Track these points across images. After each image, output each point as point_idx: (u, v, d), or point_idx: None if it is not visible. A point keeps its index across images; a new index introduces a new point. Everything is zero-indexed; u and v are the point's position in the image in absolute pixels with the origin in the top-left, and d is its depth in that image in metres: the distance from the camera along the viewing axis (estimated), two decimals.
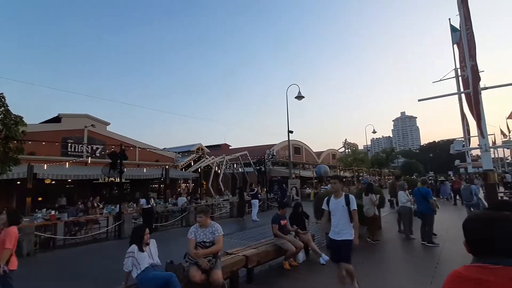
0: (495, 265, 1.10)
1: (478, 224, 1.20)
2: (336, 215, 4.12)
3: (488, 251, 1.14)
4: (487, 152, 5.06)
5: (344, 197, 4.13)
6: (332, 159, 42.82)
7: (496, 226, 1.14)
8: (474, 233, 1.20)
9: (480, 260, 1.15)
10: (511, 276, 1.07)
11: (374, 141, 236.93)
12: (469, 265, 1.19)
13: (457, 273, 1.19)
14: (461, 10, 5.42)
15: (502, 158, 38.14)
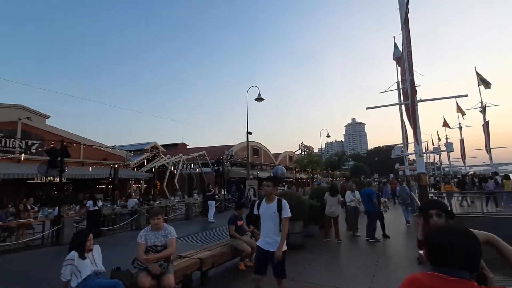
0: (450, 276, 1.11)
1: (437, 235, 1.22)
2: (265, 222, 3.62)
3: (444, 261, 1.15)
4: (420, 157, 5.72)
5: (276, 202, 3.58)
6: (289, 161, 44.26)
7: (453, 238, 1.15)
8: (434, 243, 1.21)
9: (436, 269, 1.16)
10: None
11: (328, 144, 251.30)
12: (427, 272, 1.20)
13: (414, 278, 1.19)
14: (403, 30, 6.06)
15: (433, 163, 43.55)
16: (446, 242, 1.14)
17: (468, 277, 1.10)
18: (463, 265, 1.11)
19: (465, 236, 1.14)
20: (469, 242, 1.13)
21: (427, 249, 1.21)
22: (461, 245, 1.12)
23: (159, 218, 3.86)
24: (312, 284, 4.89)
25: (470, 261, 1.11)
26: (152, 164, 22.53)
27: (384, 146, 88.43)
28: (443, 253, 1.15)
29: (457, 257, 1.11)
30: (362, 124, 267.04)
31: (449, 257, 1.13)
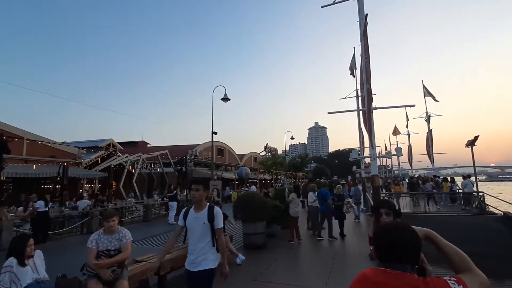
0: (394, 270, 1.15)
1: (383, 232, 1.26)
2: (194, 235, 2.92)
3: (390, 257, 1.19)
4: (374, 160, 6.16)
5: (207, 210, 2.92)
6: (254, 162, 44.58)
7: (397, 235, 1.20)
8: (379, 240, 1.25)
9: (382, 264, 1.21)
10: (407, 281, 1.12)
11: (292, 146, 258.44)
12: (374, 267, 1.24)
13: (363, 274, 1.23)
14: (362, 42, 6.49)
15: (385, 166, 47.21)
16: (389, 239, 1.20)
17: (410, 270, 1.16)
18: (405, 259, 1.16)
19: (406, 233, 1.20)
20: (410, 238, 1.19)
21: (375, 246, 1.27)
22: (403, 241, 1.18)
23: (114, 221, 3.60)
24: (273, 284, 4.97)
25: (411, 255, 1.18)
26: (107, 162, 21.04)
27: (343, 149, 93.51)
28: (387, 249, 1.20)
29: (399, 252, 1.16)
30: (324, 128, 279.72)
31: (392, 252, 1.18)
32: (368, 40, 6.85)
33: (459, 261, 1.21)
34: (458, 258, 1.21)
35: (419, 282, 1.10)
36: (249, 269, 5.77)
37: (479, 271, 1.16)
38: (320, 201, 8.53)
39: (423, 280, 1.12)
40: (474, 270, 1.16)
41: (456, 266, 1.22)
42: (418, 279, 1.12)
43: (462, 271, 1.19)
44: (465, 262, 1.19)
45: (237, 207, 7.87)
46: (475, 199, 13.34)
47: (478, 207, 12.80)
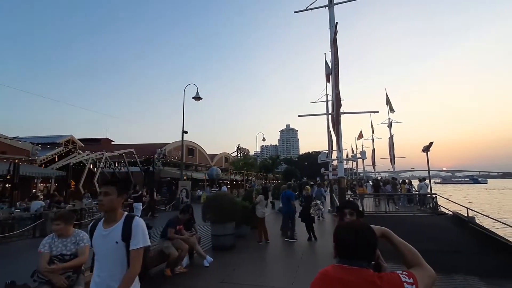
0: (352, 266, 1.21)
1: (342, 231, 1.32)
2: (102, 260, 2.05)
3: (348, 254, 1.24)
4: (341, 163, 6.43)
5: (122, 224, 2.05)
6: (225, 162, 44.23)
7: (355, 233, 1.26)
8: (339, 238, 1.30)
9: (341, 261, 1.26)
10: (365, 277, 1.17)
11: (264, 148, 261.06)
12: (335, 265, 1.29)
13: (324, 271, 1.27)
14: (332, 49, 6.76)
15: (351, 168, 49.52)
16: (348, 236, 1.27)
17: (366, 266, 1.22)
18: (362, 256, 1.23)
19: (364, 231, 1.27)
20: (366, 235, 1.26)
21: (335, 244, 1.33)
22: (360, 239, 1.24)
23: (59, 224, 3.27)
24: (240, 285, 4.96)
25: (368, 252, 1.24)
26: (66, 160, 19.55)
27: (313, 151, 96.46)
28: (346, 246, 1.26)
29: (356, 249, 1.23)
30: (295, 130, 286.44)
31: (350, 249, 1.24)
32: (339, 47, 7.17)
33: (411, 257, 1.29)
34: (410, 254, 1.29)
35: (374, 277, 1.16)
36: (217, 271, 5.70)
37: (428, 266, 1.25)
38: (284, 202, 8.64)
39: (378, 275, 1.18)
40: (424, 265, 1.25)
41: (408, 261, 1.30)
42: (373, 274, 1.18)
43: (413, 266, 1.27)
44: (417, 258, 1.28)
45: (206, 208, 7.74)
46: (429, 200, 14.50)
47: (431, 208, 13.92)
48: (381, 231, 1.39)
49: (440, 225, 11.38)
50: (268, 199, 8.62)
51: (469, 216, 11.59)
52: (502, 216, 21.84)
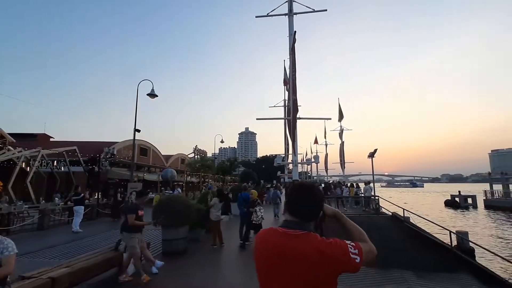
0: (293, 230, 1.25)
1: (291, 190, 1.38)
2: None
3: (294, 211, 1.30)
4: (296, 166, 6.62)
5: None
6: (181, 164, 42.68)
7: (299, 191, 1.33)
8: (287, 197, 1.37)
9: (284, 224, 1.30)
10: (309, 241, 1.21)
11: (222, 150, 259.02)
12: (275, 228, 1.32)
13: (263, 235, 1.34)
14: (290, 56, 6.97)
15: (306, 172, 51.76)
16: (297, 191, 1.34)
17: (311, 229, 1.26)
18: (308, 211, 1.29)
19: (310, 189, 1.33)
20: (314, 191, 1.33)
21: (285, 200, 1.40)
22: (305, 196, 1.31)
23: None
24: None
25: (313, 211, 1.31)
26: None
27: (271, 155, 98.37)
28: (293, 200, 1.32)
29: (303, 204, 1.29)
30: (254, 133, 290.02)
31: (295, 207, 1.30)
32: (298, 54, 7.45)
33: (358, 234, 1.37)
34: (357, 232, 1.39)
35: (321, 243, 1.20)
36: (167, 277, 5.41)
37: (371, 243, 1.35)
38: (240, 205, 8.59)
39: (325, 240, 1.22)
40: (368, 242, 1.35)
41: (355, 238, 1.38)
42: (321, 239, 1.22)
43: (360, 242, 1.36)
44: (363, 236, 1.37)
45: (157, 211, 7.32)
46: (373, 202, 15.80)
47: (374, 209, 15.19)
48: (333, 211, 1.46)
49: (381, 224, 12.42)
50: (223, 202, 8.45)
51: (404, 216, 12.91)
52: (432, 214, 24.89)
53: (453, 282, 8.14)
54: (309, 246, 1.18)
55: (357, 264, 1.19)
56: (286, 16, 8.31)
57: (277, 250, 1.22)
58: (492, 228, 21.22)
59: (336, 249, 1.18)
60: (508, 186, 34.47)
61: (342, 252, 1.18)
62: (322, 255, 1.16)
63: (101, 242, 8.58)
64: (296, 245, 1.19)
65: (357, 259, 1.19)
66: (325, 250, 1.17)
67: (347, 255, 1.18)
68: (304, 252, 1.17)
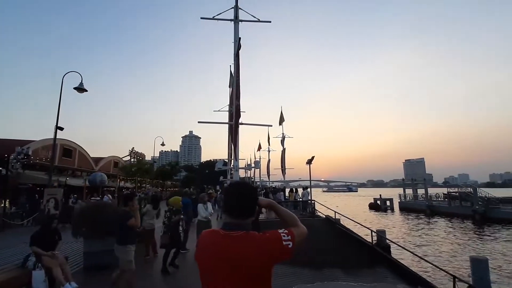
0: (235, 231, 1.29)
1: (228, 187, 1.45)
2: None
3: (229, 209, 1.35)
4: (237, 171, 6.61)
5: None
6: (113, 167, 38.86)
7: (238, 187, 1.40)
8: (224, 194, 1.42)
9: (226, 226, 1.33)
10: (248, 241, 1.26)
11: (163, 153, 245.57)
12: (215, 229, 1.36)
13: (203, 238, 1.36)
14: (235, 62, 7.02)
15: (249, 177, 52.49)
16: (231, 191, 1.40)
17: (249, 228, 1.32)
18: (244, 210, 1.35)
19: (241, 189, 1.39)
20: (244, 192, 1.38)
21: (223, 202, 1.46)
22: (239, 196, 1.37)
23: None
24: None
25: (248, 207, 1.36)
26: None
27: (215, 159, 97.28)
28: (227, 204, 1.37)
29: (236, 205, 1.34)
30: (198, 137, 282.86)
31: (232, 207, 1.35)
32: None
33: (291, 220, 1.45)
34: (290, 218, 1.46)
35: (260, 240, 1.27)
36: None
37: (302, 225, 1.44)
38: (183, 211, 8.24)
39: (263, 235, 1.29)
40: (300, 225, 1.43)
41: (288, 224, 1.44)
42: (259, 236, 1.28)
43: (292, 226, 1.43)
44: (295, 220, 1.45)
45: (79, 220, 6.45)
46: (309, 206, 16.83)
47: (310, 212, 16.18)
48: (267, 202, 1.52)
49: (316, 226, 13.27)
50: (157, 209, 7.92)
51: (335, 218, 14.06)
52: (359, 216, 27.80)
53: (373, 276, 9.13)
54: (250, 245, 1.25)
55: (290, 249, 1.29)
56: (232, 22, 8.40)
57: (220, 252, 1.26)
58: (404, 226, 24.70)
59: (273, 242, 1.27)
60: (416, 191, 40.75)
61: (278, 243, 1.27)
62: (262, 251, 1.24)
63: (8, 258, 7.23)
64: (238, 246, 1.25)
65: (289, 244, 1.28)
66: (264, 245, 1.25)
67: (281, 244, 1.27)
68: (246, 252, 1.23)
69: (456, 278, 6.95)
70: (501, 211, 25.16)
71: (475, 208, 25.79)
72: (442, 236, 19.59)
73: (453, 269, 10.88)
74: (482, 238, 18.60)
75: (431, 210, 31.98)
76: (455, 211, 29.14)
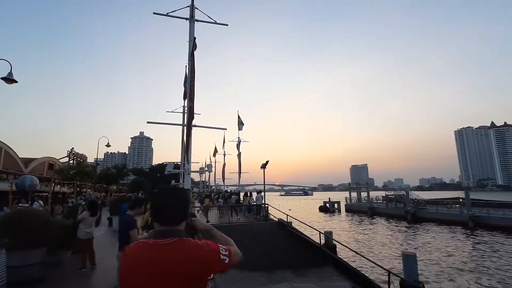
0: (167, 239, 1.22)
1: (156, 193, 1.40)
2: None
3: (159, 218, 1.29)
4: (188, 175, 6.39)
5: None
6: (48, 170, 34.57)
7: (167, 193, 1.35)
8: (153, 201, 1.36)
9: (154, 234, 1.27)
10: (184, 248, 1.20)
11: (109, 155, 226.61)
12: (144, 241, 1.26)
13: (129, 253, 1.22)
14: (190, 62, 6.83)
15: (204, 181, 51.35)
16: (157, 202, 1.34)
17: (183, 234, 1.28)
18: (174, 219, 1.29)
19: (170, 194, 1.35)
20: (172, 197, 1.33)
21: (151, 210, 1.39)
22: (168, 201, 1.31)
23: None
24: None
25: (178, 212, 1.31)
26: None
27: (167, 163, 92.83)
28: (159, 207, 1.31)
29: (166, 212, 1.29)
30: (150, 139, 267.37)
31: (161, 213, 1.29)
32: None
33: (226, 244, 1.44)
34: (225, 242, 1.46)
35: (194, 247, 1.21)
36: None
37: (237, 248, 1.45)
38: (120, 220, 7.64)
39: (198, 242, 1.25)
40: (235, 246, 1.44)
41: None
42: (194, 243, 1.23)
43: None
44: (231, 243, 1.47)
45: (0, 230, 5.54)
46: (263, 210, 17.07)
47: (264, 216, 16.42)
48: (204, 226, 1.52)
49: (269, 230, 13.52)
50: (95, 216, 7.17)
51: (287, 221, 14.51)
52: (310, 218, 29.16)
53: (320, 274, 9.61)
54: (183, 252, 1.19)
55: (226, 264, 1.27)
56: (187, 21, 8.17)
57: (149, 264, 1.16)
58: (349, 227, 26.64)
59: (208, 251, 1.23)
60: (360, 194, 44.39)
61: (215, 254, 1.24)
62: (195, 259, 1.18)
63: None
64: (169, 255, 1.17)
65: (226, 260, 1.26)
66: (198, 253, 1.20)
67: (218, 256, 1.24)
68: (178, 260, 1.17)
69: (391, 272, 7.70)
70: (427, 211, 28.75)
71: (407, 209, 29.03)
72: (380, 234, 21.59)
73: (390, 264, 12.05)
74: (413, 235, 20.99)
75: (371, 211, 35.08)
76: (391, 212, 32.43)
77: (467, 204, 24.52)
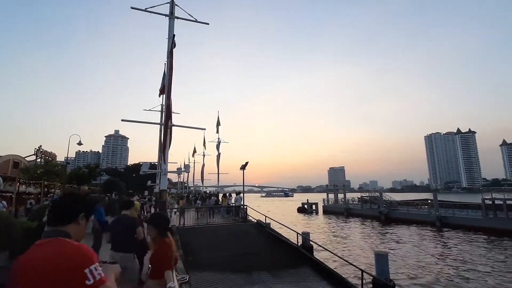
0: (50, 237, 1.18)
1: (60, 196, 1.42)
2: None
3: (54, 216, 1.27)
4: (165, 175, 6.22)
5: None
6: (13, 168, 32.26)
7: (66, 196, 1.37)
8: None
9: (44, 233, 1.21)
10: (53, 247, 1.12)
11: (80, 154, 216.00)
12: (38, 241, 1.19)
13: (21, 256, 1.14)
14: (168, 59, 6.67)
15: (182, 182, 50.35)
16: (59, 199, 1.36)
17: (71, 237, 1.22)
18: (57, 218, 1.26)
19: (62, 197, 1.38)
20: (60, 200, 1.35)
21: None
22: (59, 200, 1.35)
23: None
24: None
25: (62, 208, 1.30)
26: None
27: (143, 162, 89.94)
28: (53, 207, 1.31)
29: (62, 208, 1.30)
30: (125, 137, 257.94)
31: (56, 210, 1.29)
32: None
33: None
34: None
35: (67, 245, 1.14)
36: None
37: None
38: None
39: (76, 245, 1.17)
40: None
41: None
42: (69, 244, 1.15)
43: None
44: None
45: None
46: (242, 211, 17.01)
47: (243, 217, 16.37)
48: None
49: (247, 231, 13.49)
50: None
51: (266, 223, 14.56)
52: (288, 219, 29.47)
53: (297, 275, 9.71)
54: (50, 250, 1.11)
55: (87, 286, 1.06)
56: (167, 17, 7.96)
57: (24, 267, 1.09)
58: (325, 227, 27.24)
59: (78, 259, 1.10)
60: (337, 195, 45.61)
61: (81, 265, 1.08)
62: (60, 259, 1.08)
63: None
64: (39, 253, 1.11)
65: (90, 281, 1.06)
66: (65, 254, 1.10)
67: (82, 272, 1.07)
68: (43, 258, 1.08)
69: (363, 271, 7.95)
70: (399, 212, 30.11)
71: (381, 209, 30.23)
72: (355, 234, 22.29)
73: (364, 263, 12.45)
74: (385, 235, 21.86)
75: (348, 212, 36.15)
76: (366, 213, 33.62)
77: (435, 205, 25.98)
